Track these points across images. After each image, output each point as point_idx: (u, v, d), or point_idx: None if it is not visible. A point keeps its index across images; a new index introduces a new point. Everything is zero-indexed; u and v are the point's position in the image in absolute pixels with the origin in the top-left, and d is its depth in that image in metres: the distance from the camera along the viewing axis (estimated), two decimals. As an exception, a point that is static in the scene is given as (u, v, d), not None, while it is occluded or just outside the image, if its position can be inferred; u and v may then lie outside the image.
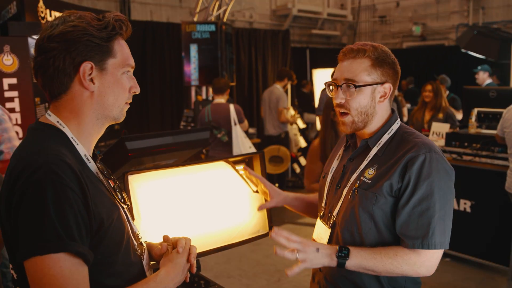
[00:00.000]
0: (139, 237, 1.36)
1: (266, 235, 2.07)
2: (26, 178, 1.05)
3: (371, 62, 1.52)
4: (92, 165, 1.22)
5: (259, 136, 7.05)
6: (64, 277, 1.03)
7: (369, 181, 1.53)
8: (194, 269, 1.37)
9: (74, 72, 1.17)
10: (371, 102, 1.54)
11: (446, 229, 1.47)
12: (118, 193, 1.29)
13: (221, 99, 5.19)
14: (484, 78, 6.32)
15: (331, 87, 1.61)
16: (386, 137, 1.58)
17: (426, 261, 1.47)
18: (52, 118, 1.21)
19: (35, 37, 3.92)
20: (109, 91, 1.21)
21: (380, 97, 1.56)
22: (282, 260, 5.07)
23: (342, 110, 1.57)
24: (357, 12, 11.91)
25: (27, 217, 1.03)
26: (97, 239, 1.12)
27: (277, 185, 6.43)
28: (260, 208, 1.90)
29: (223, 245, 1.92)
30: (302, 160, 7.67)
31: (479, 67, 6.45)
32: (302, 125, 7.91)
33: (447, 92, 6.09)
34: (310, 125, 9.31)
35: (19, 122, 3.61)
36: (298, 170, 7.60)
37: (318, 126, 7.84)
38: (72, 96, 1.19)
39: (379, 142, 1.58)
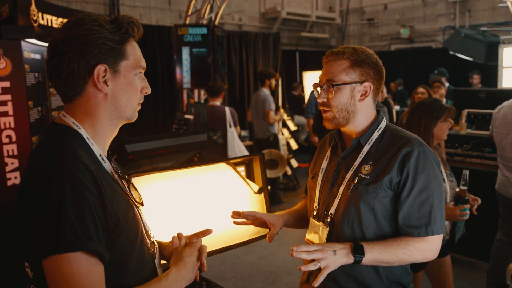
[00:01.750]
0: (151, 236, 1.38)
1: (266, 236, 2.08)
2: (45, 179, 1.06)
3: (350, 63, 1.63)
4: (107, 165, 1.24)
5: (251, 139, 7.06)
6: (81, 276, 1.04)
7: (368, 177, 1.61)
8: (205, 268, 1.38)
9: (88, 75, 1.18)
10: (351, 100, 1.64)
11: (442, 215, 1.61)
12: (132, 193, 1.30)
13: (216, 102, 5.23)
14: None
15: (317, 88, 1.71)
16: (376, 134, 1.68)
17: (433, 246, 1.59)
18: (67, 119, 1.22)
19: (28, 40, 3.86)
20: (122, 92, 1.23)
21: (361, 96, 1.65)
22: (276, 262, 5.06)
23: (325, 108, 1.68)
24: (345, 15, 12.01)
25: (45, 216, 1.04)
26: (113, 238, 1.14)
27: (269, 187, 6.44)
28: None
29: (225, 246, 1.93)
30: (294, 162, 7.70)
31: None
32: (293, 127, 7.95)
33: (447, 84, 6.04)
34: (301, 127, 9.37)
35: (12, 125, 3.58)
36: (289, 172, 7.62)
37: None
38: (86, 98, 1.21)
39: (370, 139, 1.67)
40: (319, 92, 1.69)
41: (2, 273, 3.09)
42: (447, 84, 5.94)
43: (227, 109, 5.18)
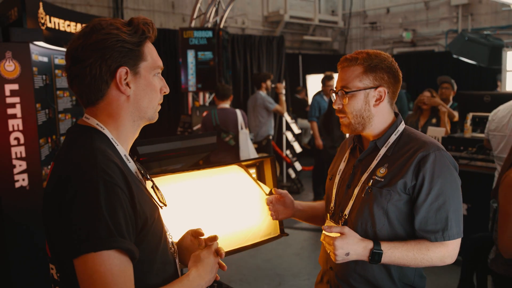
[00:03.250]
0: (170, 236, 1.39)
1: (277, 237, 2.10)
2: (78, 178, 1.07)
3: (363, 69, 1.64)
4: (132, 165, 1.26)
5: (255, 142, 7.07)
6: (113, 275, 1.05)
7: (382, 179, 1.62)
8: (225, 268, 1.41)
9: (111, 78, 1.20)
10: (365, 106, 1.65)
11: (460, 219, 1.60)
12: (156, 193, 1.32)
13: (225, 104, 5.26)
14: None
15: (333, 94, 1.73)
16: (393, 137, 1.68)
17: (452, 250, 1.60)
18: (91, 121, 1.23)
19: (37, 43, 3.89)
20: (143, 93, 1.25)
21: (376, 101, 1.66)
22: (281, 264, 5.07)
23: (340, 115, 1.70)
24: (348, 19, 12.04)
25: (80, 214, 1.05)
26: (141, 237, 1.15)
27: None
28: (267, 201, 1.96)
29: (238, 247, 1.94)
30: (297, 165, 7.71)
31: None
32: (297, 130, 7.96)
33: (451, 101, 5.90)
34: (304, 130, 9.38)
35: (21, 128, 3.60)
36: (293, 175, 7.63)
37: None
38: (109, 101, 1.22)
39: (387, 142, 1.68)
40: (335, 98, 1.71)
41: (10, 272, 3.11)
42: (456, 87, 5.89)
43: (238, 111, 5.24)
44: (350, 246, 1.53)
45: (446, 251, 1.58)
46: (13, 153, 3.27)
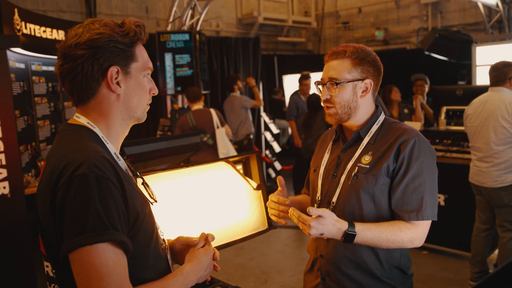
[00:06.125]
0: (161, 233, 1.42)
1: (266, 231, 2.14)
2: (71, 173, 1.09)
3: (351, 61, 1.72)
4: (122, 163, 1.28)
5: (235, 142, 7.11)
6: (108, 267, 1.07)
7: (368, 166, 1.70)
8: (218, 268, 1.46)
9: (102, 77, 1.23)
10: (353, 97, 1.74)
11: (435, 202, 1.68)
12: (146, 190, 1.35)
13: (199, 106, 5.32)
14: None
15: (319, 86, 1.80)
16: (375, 127, 1.77)
17: (421, 233, 1.67)
18: (81, 119, 1.26)
19: (13, 49, 3.85)
20: (133, 93, 1.28)
21: (362, 92, 1.75)
22: (266, 262, 5.13)
23: (328, 105, 1.77)
24: (321, 19, 12.18)
25: (74, 209, 1.07)
26: (133, 232, 1.18)
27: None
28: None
29: (228, 241, 1.98)
30: (277, 165, 7.78)
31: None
32: (275, 130, 8.02)
33: (425, 98, 6.07)
34: (282, 131, 9.46)
35: (0, 135, 3.56)
36: (273, 175, 7.69)
37: (290, 131, 7.97)
38: (100, 99, 1.25)
39: (369, 132, 1.77)
40: (321, 89, 1.78)
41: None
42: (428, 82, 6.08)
43: (212, 110, 5.35)
44: (325, 227, 1.56)
45: (416, 233, 1.65)
46: (-7, 161, 3.23)
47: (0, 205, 3.17)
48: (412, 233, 1.65)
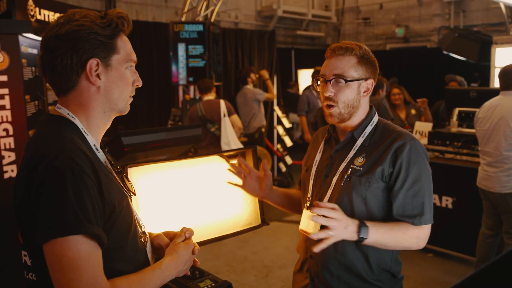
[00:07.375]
0: (142, 226, 1.43)
1: (258, 227, 2.14)
2: (46, 165, 1.10)
3: (357, 59, 1.68)
4: (101, 155, 1.29)
5: (246, 135, 7.12)
6: (81, 259, 1.08)
7: (361, 168, 1.67)
8: (198, 263, 1.46)
9: (81, 69, 1.23)
10: (357, 96, 1.70)
11: (432, 205, 1.68)
12: (125, 182, 1.35)
13: (210, 97, 5.34)
14: None
15: (318, 82, 1.76)
16: (369, 128, 1.74)
17: (426, 234, 1.67)
18: (62, 110, 1.27)
19: (26, 35, 3.90)
20: (114, 85, 1.28)
21: (364, 92, 1.72)
22: (270, 256, 5.13)
23: (330, 103, 1.71)
24: (341, 14, 12.06)
25: (47, 201, 1.09)
26: (109, 225, 1.19)
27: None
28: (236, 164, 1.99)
29: (218, 236, 1.99)
30: (288, 159, 7.76)
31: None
32: (288, 124, 8.00)
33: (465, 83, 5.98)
34: (295, 125, 9.43)
35: (10, 119, 3.62)
36: (284, 169, 7.68)
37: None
38: (80, 91, 1.26)
39: (363, 133, 1.73)
40: (325, 86, 1.72)
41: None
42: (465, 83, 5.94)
43: (222, 101, 5.36)
44: (341, 235, 1.54)
45: (422, 234, 1.65)
46: (1, 144, 3.29)
47: (8, 188, 3.23)
48: (418, 234, 1.65)
